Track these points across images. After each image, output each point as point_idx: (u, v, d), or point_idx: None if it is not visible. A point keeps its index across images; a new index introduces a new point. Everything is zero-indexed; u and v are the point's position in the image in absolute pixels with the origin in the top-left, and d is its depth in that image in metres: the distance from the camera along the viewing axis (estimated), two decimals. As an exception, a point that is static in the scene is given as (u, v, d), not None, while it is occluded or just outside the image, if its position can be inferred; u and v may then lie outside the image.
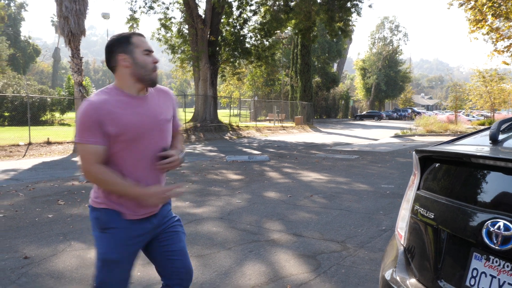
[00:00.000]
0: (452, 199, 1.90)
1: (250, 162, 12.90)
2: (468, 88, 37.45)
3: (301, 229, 5.61)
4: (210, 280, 3.94)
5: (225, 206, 7.00)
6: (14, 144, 16.45)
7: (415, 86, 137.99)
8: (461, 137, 2.42)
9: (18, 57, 71.37)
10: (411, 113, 65.98)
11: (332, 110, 63.12)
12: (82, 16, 18.11)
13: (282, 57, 51.32)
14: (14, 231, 5.58)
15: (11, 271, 4.18)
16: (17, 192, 8.18)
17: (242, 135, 26.89)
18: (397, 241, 2.34)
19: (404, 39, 76.38)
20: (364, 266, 4.27)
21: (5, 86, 34.15)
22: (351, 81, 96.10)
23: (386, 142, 21.64)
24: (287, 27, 31.34)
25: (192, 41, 26.94)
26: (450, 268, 1.83)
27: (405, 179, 9.47)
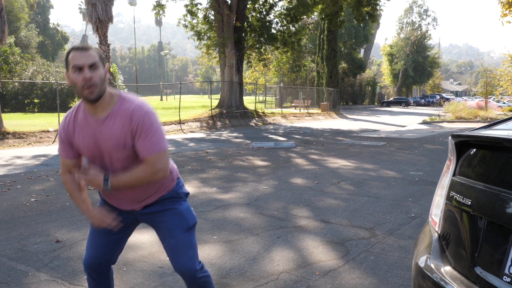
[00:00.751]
0: (490, 185, 1.85)
1: (276, 148, 12.88)
2: (499, 73, 36.47)
3: (329, 216, 5.58)
4: (238, 266, 3.95)
5: (252, 192, 7.01)
6: (44, 130, 16.77)
7: (444, 71, 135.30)
8: (497, 122, 2.35)
9: (47, 44, 72.45)
10: (440, 99, 64.77)
11: (359, 96, 62.43)
12: (109, 3, 18.25)
13: (308, 43, 50.87)
14: (46, 215, 5.70)
15: (44, 254, 4.28)
16: (47, 177, 8.35)
17: (268, 122, 26.85)
18: (431, 228, 2.29)
19: (433, 24, 74.61)
20: (393, 253, 4.23)
21: (35, 73, 34.77)
22: (378, 67, 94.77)
23: (413, 128, 21.33)
24: (314, 12, 30.96)
25: (218, 27, 26.88)
26: (487, 255, 1.78)
27: (434, 166, 9.32)
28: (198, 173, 8.69)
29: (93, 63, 2.16)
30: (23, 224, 5.28)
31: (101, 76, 2.20)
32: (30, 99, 32.24)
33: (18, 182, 7.91)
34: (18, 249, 4.41)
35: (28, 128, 16.72)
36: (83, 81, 2.14)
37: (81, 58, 2.15)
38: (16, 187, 7.42)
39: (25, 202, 6.36)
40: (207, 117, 24.42)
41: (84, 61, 2.14)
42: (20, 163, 10.34)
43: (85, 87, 2.15)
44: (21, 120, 20.15)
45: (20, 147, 13.87)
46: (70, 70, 2.18)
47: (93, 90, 2.16)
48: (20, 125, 17.15)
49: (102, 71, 2.21)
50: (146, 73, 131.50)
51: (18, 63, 34.08)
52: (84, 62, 2.14)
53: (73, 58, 2.17)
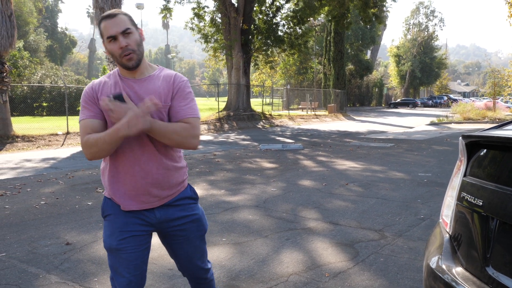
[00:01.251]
0: (501, 186, 1.84)
1: (284, 150, 12.88)
2: (507, 73, 36.25)
3: (338, 218, 5.57)
4: (247, 268, 3.95)
5: (260, 194, 7.01)
6: (52, 134, 16.88)
7: (451, 72, 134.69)
8: (508, 122, 2.34)
9: (55, 48, 72.93)
10: (447, 100, 64.41)
11: (366, 98, 62.30)
12: (117, 7, 18.32)
13: (315, 45, 50.83)
14: (56, 218, 5.73)
15: (54, 256, 4.30)
16: (57, 180, 8.39)
17: (275, 124, 26.85)
18: (442, 229, 2.29)
19: (440, 25, 74.36)
20: (403, 255, 4.21)
21: (44, 77, 35.02)
22: (385, 68, 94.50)
23: (421, 130, 21.25)
24: (320, 14, 30.98)
25: (225, 30, 26.95)
26: (500, 256, 1.78)
27: (443, 167, 9.28)
28: (206, 175, 8.70)
29: (125, 29, 2.12)
30: (33, 227, 5.31)
31: (137, 41, 2.17)
32: (39, 102, 32.46)
33: (28, 185, 7.96)
34: (28, 252, 4.44)
35: (37, 132, 16.83)
36: (120, 50, 2.12)
37: (113, 27, 2.11)
38: (26, 190, 7.47)
39: (35, 205, 6.40)
40: (215, 120, 24.45)
41: (116, 30, 2.11)
42: (29, 166, 10.41)
43: (123, 55, 2.13)
44: (30, 123, 20.29)
45: (29, 150, 13.96)
46: (105, 41, 2.16)
47: (132, 57, 2.14)
48: (29, 129, 17.26)
49: (136, 35, 2.17)
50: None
51: (27, 67, 34.38)
52: (116, 31, 2.11)
53: (105, 28, 2.13)
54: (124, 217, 2.28)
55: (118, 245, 2.24)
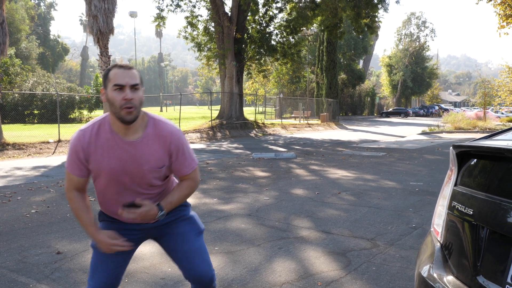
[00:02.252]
0: (491, 195, 1.87)
1: (277, 159, 12.89)
2: (497, 84, 36.60)
3: (330, 226, 5.58)
4: (240, 277, 3.95)
5: (253, 203, 7.01)
6: (44, 141, 16.79)
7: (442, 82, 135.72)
8: (498, 132, 2.37)
9: (48, 55, 72.76)
10: (438, 109, 64.95)
11: (358, 107, 62.56)
12: (110, 15, 18.36)
13: (308, 54, 51.10)
14: (47, 226, 5.70)
15: (45, 266, 4.27)
16: (48, 189, 8.35)
17: (268, 133, 26.89)
18: (433, 238, 2.30)
19: (431, 35, 74.97)
20: (395, 263, 4.23)
21: (35, 84, 34.90)
22: (377, 78, 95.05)
23: (413, 139, 21.35)
24: (313, 24, 31.16)
25: (218, 39, 27.02)
26: (490, 264, 1.79)
27: (434, 177, 9.33)
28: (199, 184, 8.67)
29: (135, 84, 2.15)
30: (23, 236, 5.27)
31: (141, 98, 2.19)
32: (30, 110, 32.33)
33: (18, 193, 7.91)
34: (18, 261, 4.40)
35: (28, 139, 16.75)
36: (123, 101, 2.11)
37: (124, 77, 2.13)
38: (16, 199, 7.42)
39: (25, 214, 6.36)
40: (207, 128, 24.45)
41: (127, 81, 2.13)
42: (20, 174, 10.34)
43: (124, 107, 2.12)
44: (21, 131, 20.20)
45: (20, 158, 13.88)
46: (109, 87, 2.14)
47: (131, 111, 2.14)
48: (20, 136, 17.18)
49: (141, 94, 2.20)
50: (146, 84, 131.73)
51: (19, 74, 34.22)
52: (126, 82, 2.13)
53: (115, 76, 2.13)
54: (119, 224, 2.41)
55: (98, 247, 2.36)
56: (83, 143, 2.22)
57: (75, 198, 2.31)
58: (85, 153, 2.22)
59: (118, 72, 2.14)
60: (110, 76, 2.15)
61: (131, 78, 2.14)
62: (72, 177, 2.28)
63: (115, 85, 2.12)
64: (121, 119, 2.15)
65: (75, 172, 2.27)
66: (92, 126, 2.26)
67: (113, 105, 2.14)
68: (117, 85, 2.12)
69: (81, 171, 2.26)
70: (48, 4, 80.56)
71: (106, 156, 2.22)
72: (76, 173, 2.27)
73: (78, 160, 2.24)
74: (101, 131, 2.24)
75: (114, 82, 2.13)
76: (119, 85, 2.12)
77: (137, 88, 2.16)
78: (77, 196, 2.31)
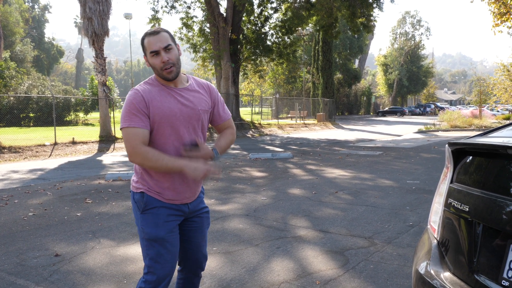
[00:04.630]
0: (487, 192, 1.88)
1: (274, 159, 12.90)
2: (493, 82, 36.75)
3: (328, 226, 5.60)
4: (239, 276, 3.96)
5: (250, 203, 7.02)
6: (40, 144, 16.77)
7: (438, 81, 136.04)
8: (492, 130, 2.39)
9: (42, 58, 72.58)
10: (434, 108, 65.09)
11: (354, 106, 62.65)
12: (105, 17, 18.33)
13: (304, 54, 51.13)
14: (44, 229, 5.69)
15: (43, 268, 4.27)
16: (45, 191, 8.33)
17: (264, 133, 26.90)
18: (430, 235, 2.32)
19: (426, 34, 75.24)
20: (392, 261, 4.25)
21: (30, 87, 34.82)
22: (373, 77, 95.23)
23: (409, 138, 21.41)
24: (309, 24, 31.17)
25: (213, 40, 27.02)
26: (486, 260, 1.81)
27: (431, 175, 9.36)
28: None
29: (167, 45, 2.36)
30: (21, 239, 5.27)
31: (177, 56, 2.40)
32: (26, 113, 32.25)
33: (16, 196, 7.90)
34: (17, 264, 4.40)
35: (24, 143, 16.72)
36: (162, 63, 2.34)
37: (156, 42, 2.34)
38: (13, 202, 7.41)
39: (23, 217, 6.35)
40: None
41: (159, 45, 2.34)
42: (16, 177, 10.32)
43: (164, 68, 2.35)
44: (16, 134, 20.14)
45: (16, 161, 13.85)
46: (148, 55, 2.38)
47: (172, 70, 2.37)
48: (15, 140, 17.14)
49: (176, 51, 2.41)
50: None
51: (14, 78, 34.12)
52: (159, 46, 2.34)
53: (149, 44, 2.36)
54: (166, 209, 2.47)
55: (165, 236, 2.44)
56: (142, 93, 2.36)
57: (148, 148, 2.33)
58: (146, 102, 2.34)
59: (150, 40, 2.36)
60: (145, 45, 2.38)
61: (162, 42, 2.35)
62: (136, 130, 2.31)
63: (151, 52, 2.35)
64: (165, 78, 2.39)
65: (139, 124, 2.32)
66: (144, 84, 2.44)
67: (155, 69, 2.38)
68: (152, 51, 2.35)
69: (144, 122, 2.33)
70: (42, 6, 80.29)
71: (165, 101, 2.39)
72: (140, 125, 2.32)
73: (140, 111, 2.33)
74: (153, 85, 2.43)
75: (149, 50, 2.36)
76: (154, 51, 2.34)
77: (170, 48, 2.37)
78: (147, 147, 2.34)
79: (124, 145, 2.37)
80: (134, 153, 2.32)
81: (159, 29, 2.39)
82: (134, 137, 2.31)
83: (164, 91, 2.41)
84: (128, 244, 4.96)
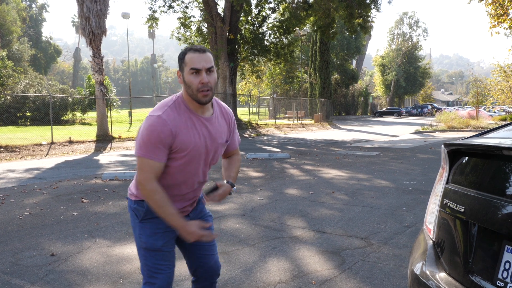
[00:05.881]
0: (482, 192, 1.89)
1: (271, 159, 12.90)
2: (489, 83, 36.88)
3: (324, 226, 5.60)
4: (235, 277, 3.96)
5: (247, 203, 7.02)
6: (36, 144, 16.73)
7: (435, 82, 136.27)
8: (488, 131, 2.39)
9: (40, 57, 72.42)
10: (431, 109, 65.21)
11: (351, 107, 62.71)
12: (103, 16, 18.31)
13: (301, 54, 51.14)
14: (40, 229, 5.68)
15: (39, 268, 4.26)
16: (41, 191, 8.31)
17: (262, 133, 26.90)
18: (426, 235, 2.32)
19: (424, 35, 75.46)
20: (389, 262, 4.25)
21: (27, 86, 34.74)
22: (370, 78, 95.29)
23: (406, 138, 21.44)
24: (306, 24, 31.19)
25: (211, 40, 26.99)
26: (481, 261, 1.81)
27: (427, 175, 9.38)
28: (193, 184, 8.66)
29: (210, 67, 2.22)
30: (17, 238, 5.26)
31: (215, 80, 2.26)
32: (23, 112, 32.18)
33: (12, 195, 7.88)
34: (12, 263, 4.39)
35: (20, 142, 16.68)
36: (201, 84, 2.19)
37: (200, 61, 2.19)
38: (9, 201, 7.39)
39: (18, 216, 6.33)
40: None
41: (203, 65, 2.19)
42: (13, 176, 10.29)
43: (201, 90, 2.20)
44: (13, 133, 20.10)
45: (12, 160, 13.81)
46: (186, 71, 2.21)
47: (208, 94, 2.22)
48: (12, 139, 17.09)
49: (215, 75, 2.27)
50: (140, 85, 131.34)
51: (10, 77, 34.07)
52: (203, 66, 2.19)
53: (192, 60, 2.19)
54: None
55: (163, 247, 2.37)
56: (171, 126, 2.20)
57: (159, 189, 2.23)
58: (173, 135, 2.20)
59: (194, 56, 2.19)
60: (186, 60, 2.21)
61: (207, 62, 2.20)
62: (154, 164, 2.20)
63: (192, 69, 2.19)
64: (198, 101, 2.23)
65: (159, 158, 2.20)
66: (170, 110, 2.25)
67: (190, 88, 2.22)
68: (193, 68, 2.19)
69: (165, 155, 2.23)
70: (40, 5, 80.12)
71: (191, 133, 2.26)
72: (159, 159, 2.21)
73: (163, 144, 2.19)
74: (181, 111, 2.27)
75: (190, 66, 2.19)
76: (196, 69, 2.19)
77: (212, 70, 2.23)
78: (159, 186, 2.24)
79: (137, 171, 2.26)
80: (143, 186, 2.22)
81: (206, 48, 2.24)
82: (149, 169, 2.20)
83: (191, 120, 2.27)
84: (124, 244, 4.96)
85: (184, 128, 2.23)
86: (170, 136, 2.19)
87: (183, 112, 2.27)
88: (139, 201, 2.37)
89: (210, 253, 2.57)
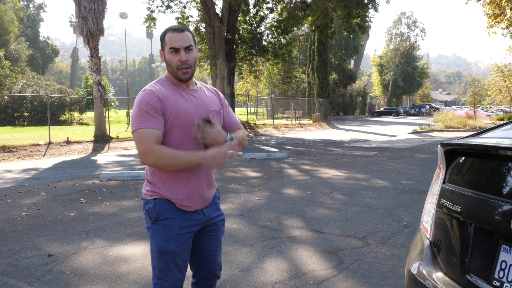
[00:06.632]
0: (479, 192, 1.89)
1: (269, 159, 12.90)
2: (487, 83, 36.96)
3: (322, 226, 5.60)
4: (232, 277, 3.95)
5: (245, 203, 7.01)
6: (34, 144, 16.69)
7: (433, 81, 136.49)
8: (485, 130, 2.39)
9: (37, 57, 72.28)
10: (429, 109, 65.32)
11: (349, 107, 62.75)
12: (100, 16, 18.28)
13: (299, 54, 51.18)
14: (37, 229, 5.67)
15: (36, 268, 4.25)
16: (39, 191, 8.30)
17: (260, 133, 26.90)
18: (423, 235, 2.32)
19: (422, 35, 75.39)
20: (386, 262, 4.25)
21: (25, 86, 34.68)
22: (368, 78, 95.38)
23: (404, 138, 21.46)
24: (304, 24, 31.20)
25: (209, 40, 26.98)
26: (477, 261, 1.81)
27: (425, 175, 9.38)
28: (191, 184, 8.65)
29: (189, 45, 2.29)
30: (14, 239, 5.24)
31: (195, 58, 2.34)
32: (20, 112, 32.12)
33: (9, 196, 7.86)
34: (9, 264, 4.38)
35: (18, 142, 16.64)
36: (179, 62, 2.28)
37: (178, 40, 2.27)
38: (6, 201, 7.37)
39: (16, 216, 6.32)
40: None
41: (180, 44, 2.27)
42: (10, 177, 10.27)
43: (180, 67, 2.29)
44: (10, 133, 20.06)
45: (10, 161, 13.78)
46: (166, 50, 2.30)
47: (187, 71, 2.31)
48: (9, 139, 17.06)
49: (195, 53, 2.34)
50: (138, 85, 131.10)
51: (8, 77, 34.02)
52: (181, 45, 2.27)
53: (170, 39, 2.28)
54: (179, 221, 2.37)
55: (175, 250, 2.35)
56: (157, 93, 2.27)
57: (161, 146, 2.22)
58: (162, 101, 2.25)
59: (173, 36, 2.28)
60: (166, 40, 2.30)
61: (185, 41, 2.28)
62: (151, 131, 2.21)
63: (171, 48, 2.27)
64: (178, 78, 2.32)
65: (155, 125, 2.22)
66: (155, 85, 2.34)
67: (170, 66, 2.31)
68: (172, 48, 2.27)
69: (160, 122, 2.24)
70: (37, 5, 79.95)
71: (179, 100, 2.32)
72: (156, 126, 2.22)
73: (155, 111, 2.23)
74: (164, 86, 2.34)
75: (170, 45, 2.27)
76: (175, 48, 2.27)
77: (191, 49, 2.30)
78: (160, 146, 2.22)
79: (136, 146, 2.25)
80: (147, 153, 2.20)
81: (184, 28, 2.32)
82: (147, 137, 2.20)
83: (177, 91, 2.34)
84: (122, 244, 4.95)
85: (172, 96, 2.30)
86: (159, 102, 2.24)
87: (168, 86, 2.35)
88: (153, 200, 2.36)
89: (213, 258, 2.56)
